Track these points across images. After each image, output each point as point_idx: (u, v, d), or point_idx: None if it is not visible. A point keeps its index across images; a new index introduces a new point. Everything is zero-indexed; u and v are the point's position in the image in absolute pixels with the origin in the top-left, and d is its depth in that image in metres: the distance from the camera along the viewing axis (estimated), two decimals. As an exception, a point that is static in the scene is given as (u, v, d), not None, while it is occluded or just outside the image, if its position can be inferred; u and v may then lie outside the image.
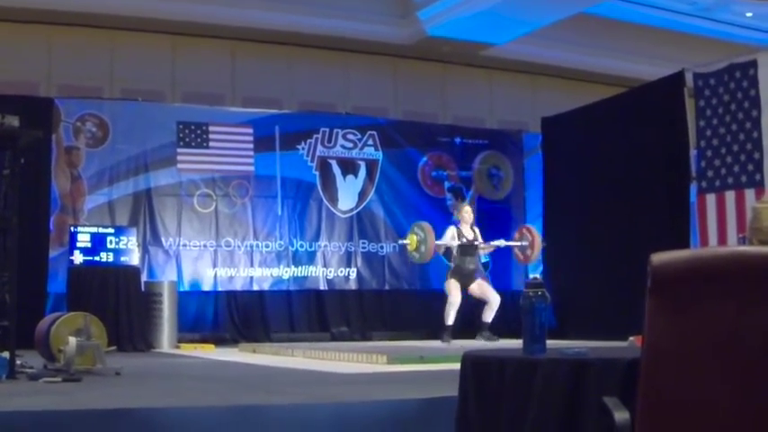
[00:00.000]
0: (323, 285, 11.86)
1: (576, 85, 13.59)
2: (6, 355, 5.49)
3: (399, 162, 12.48)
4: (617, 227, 10.65)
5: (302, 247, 11.77)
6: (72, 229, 10.10)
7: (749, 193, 8.66)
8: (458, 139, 12.93)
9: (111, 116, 10.91)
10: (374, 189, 12.26)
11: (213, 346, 10.29)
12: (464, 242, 9.76)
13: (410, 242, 10.02)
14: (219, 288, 11.29)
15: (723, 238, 8.85)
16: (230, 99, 12.11)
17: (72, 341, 6.02)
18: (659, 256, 1.92)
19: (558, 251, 11.75)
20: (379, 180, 12.30)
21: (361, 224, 12.14)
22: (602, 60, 13.32)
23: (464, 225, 9.96)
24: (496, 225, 12.40)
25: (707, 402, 1.88)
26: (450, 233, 9.89)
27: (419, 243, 9.89)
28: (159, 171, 11.12)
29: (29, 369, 5.80)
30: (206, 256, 11.25)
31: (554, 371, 2.61)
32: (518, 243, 10.56)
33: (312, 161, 11.96)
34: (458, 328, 9.80)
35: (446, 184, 12.77)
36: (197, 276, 11.16)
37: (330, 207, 11.99)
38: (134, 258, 10.29)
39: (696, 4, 13.33)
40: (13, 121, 5.61)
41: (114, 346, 7.43)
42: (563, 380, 2.58)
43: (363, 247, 12.10)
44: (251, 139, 11.61)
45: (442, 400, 3.99)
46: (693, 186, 9.52)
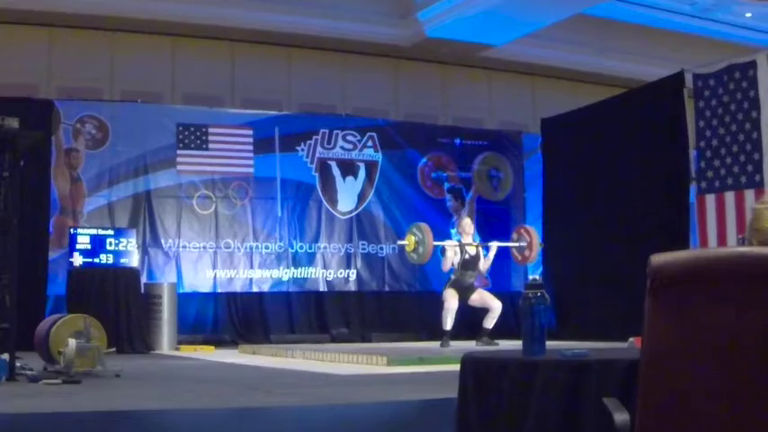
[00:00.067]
0: (322, 287, 11.86)
1: (576, 85, 13.59)
2: (6, 356, 5.49)
3: (399, 163, 12.47)
4: (616, 228, 10.64)
5: (302, 248, 11.77)
6: (72, 230, 10.11)
7: (749, 194, 8.65)
8: (457, 141, 12.93)
9: (111, 118, 10.91)
10: (374, 190, 12.26)
11: (213, 347, 10.28)
12: (466, 258, 9.72)
13: (408, 243, 10.01)
14: (219, 290, 11.29)
15: (723, 239, 8.85)
16: (230, 101, 12.11)
17: (72, 343, 6.02)
18: (659, 257, 1.92)
19: (558, 252, 11.74)
20: (379, 181, 12.29)
21: (360, 225, 12.13)
22: (601, 61, 13.31)
23: (465, 237, 9.89)
24: (496, 226, 12.42)
25: (706, 403, 1.88)
26: (452, 250, 9.72)
27: (417, 244, 9.88)
28: (159, 173, 11.12)
29: (29, 371, 5.79)
30: (206, 258, 11.25)
31: (554, 372, 2.61)
32: (516, 244, 10.56)
33: (312, 163, 11.96)
34: (458, 332, 9.78)
35: (446, 186, 12.77)
36: (197, 278, 11.16)
37: (330, 208, 11.99)
38: (134, 260, 10.31)
39: (696, 4, 13.33)
40: (13, 122, 5.62)
41: (114, 348, 7.42)
42: (563, 381, 2.58)
43: (363, 249, 12.10)
44: (250, 140, 11.61)
45: (442, 402, 3.99)
46: (693, 187, 9.51)
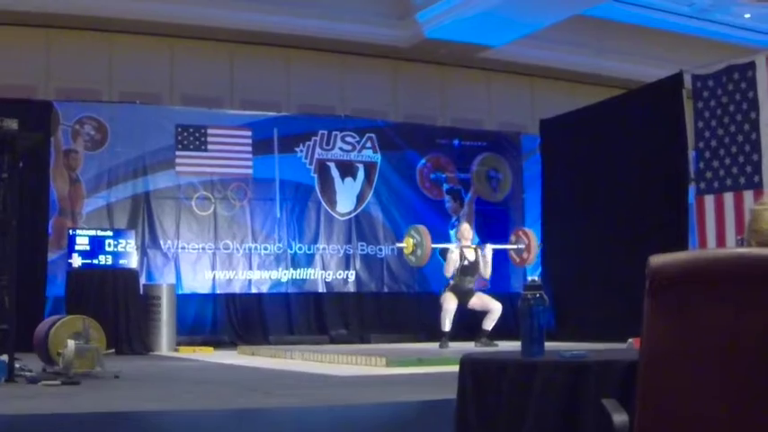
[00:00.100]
0: (321, 288, 11.86)
1: (575, 86, 13.59)
2: (5, 358, 5.49)
3: (398, 164, 12.47)
4: (615, 228, 10.64)
5: (301, 249, 11.77)
6: (71, 232, 10.10)
7: (747, 195, 8.65)
8: (456, 142, 12.93)
9: (110, 119, 10.91)
10: (372, 191, 12.25)
11: (212, 348, 10.28)
12: (465, 264, 9.72)
13: (406, 246, 10.01)
14: (218, 291, 11.28)
15: (722, 240, 8.85)
16: (229, 102, 12.11)
17: (71, 344, 6.02)
18: (658, 258, 1.92)
19: (557, 253, 11.75)
20: (378, 182, 12.29)
21: (359, 227, 12.13)
22: (600, 62, 13.31)
23: (465, 242, 9.89)
24: (495, 227, 12.42)
25: (705, 404, 1.88)
26: (454, 255, 9.71)
27: (415, 247, 9.89)
28: (158, 174, 11.11)
29: (28, 372, 5.79)
30: (204, 259, 11.25)
31: (553, 373, 2.61)
32: (514, 246, 10.58)
33: (311, 164, 11.96)
34: (457, 333, 9.78)
35: (445, 187, 12.76)
36: (195, 279, 11.15)
37: (328, 210, 11.98)
38: (132, 261, 10.31)
39: (694, 5, 13.34)
40: (12, 124, 5.61)
41: (113, 350, 7.42)
42: (561, 382, 2.58)
43: (362, 250, 12.10)
44: (249, 141, 11.60)
45: (441, 403, 3.99)
46: (692, 188, 9.51)
